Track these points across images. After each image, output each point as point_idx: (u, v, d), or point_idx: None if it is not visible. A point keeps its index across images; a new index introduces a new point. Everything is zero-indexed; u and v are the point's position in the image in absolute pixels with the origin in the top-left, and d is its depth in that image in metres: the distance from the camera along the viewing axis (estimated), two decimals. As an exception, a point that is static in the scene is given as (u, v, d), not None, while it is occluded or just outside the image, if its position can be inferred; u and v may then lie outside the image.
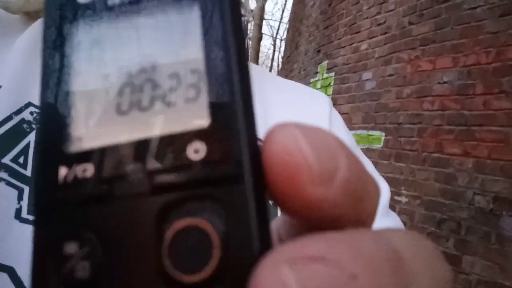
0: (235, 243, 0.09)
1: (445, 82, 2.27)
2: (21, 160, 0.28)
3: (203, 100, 0.10)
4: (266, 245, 0.09)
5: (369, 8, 3.02)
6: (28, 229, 0.25)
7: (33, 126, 0.30)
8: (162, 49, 0.11)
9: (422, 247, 0.11)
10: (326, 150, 0.09)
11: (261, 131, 0.37)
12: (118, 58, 0.11)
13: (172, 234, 0.09)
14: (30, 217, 0.26)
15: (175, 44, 0.11)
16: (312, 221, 0.10)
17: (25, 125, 0.29)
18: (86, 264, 0.09)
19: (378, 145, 2.69)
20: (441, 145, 2.24)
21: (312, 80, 3.73)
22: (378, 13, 2.91)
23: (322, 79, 3.55)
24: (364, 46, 3.03)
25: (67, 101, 0.11)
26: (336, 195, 0.09)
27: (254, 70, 0.45)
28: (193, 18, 0.11)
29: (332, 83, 3.36)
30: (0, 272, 0.24)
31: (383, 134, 2.69)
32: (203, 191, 0.09)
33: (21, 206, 0.26)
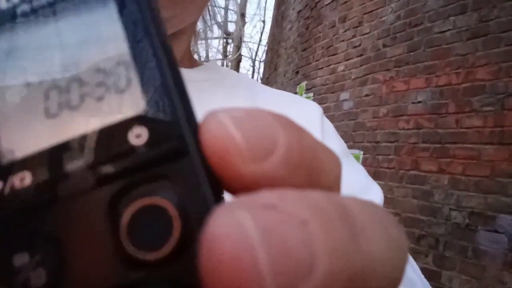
0: (192, 210, 0.09)
1: (419, 102, 2.35)
2: None
3: (135, 88, 0.10)
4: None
5: (345, 31, 3.12)
6: None
7: None
8: (82, 47, 0.10)
9: (374, 208, 0.10)
10: (259, 128, 0.10)
11: None
12: (37, 63, 0.10)
13: (128, 218, 0.09)
14: None
15: (95, 39, 0.11)
16: None
17: None
18: (41, 271, 0.09)
19: (357, 164, 2.74)
20: (417, 163, 2.30)
21: (291, 100, 3.79)
22: (354, 36, 3.01)
23: (301, 99, 3.62)
24: (341, 67, 3.11)
25: None
26: (276, 170, 0.09)
27: (245, 80, 0.44)
28: (107, 6, 0.11)
29: (311, 104, 3.42)
30: None
31: (362, 152, 2.74)
32: (152, 171, 0.09)
33: None
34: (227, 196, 0.10)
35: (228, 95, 0.39)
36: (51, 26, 0.11)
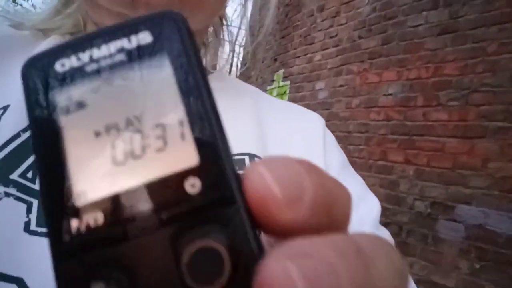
0: (240, 252, 0.11)
1: (390, 94, 2.42)
2: (29, 175, 0.28)
3: (189, 143, 0.12)
4: (262, 249, 0.11)
5: (323, 20, 3.14)
6: (37, 241, 0.26)
7: None
8: (144, 103, 0.12)
9: (379, 241, 0.13)
10: (291, 178, 0.11)
11: (260, 152, 0.36)
12: (105, 116, 0.12)
13: (188, 257, 0.11)
14: (39, 229, 0.26)
15: (155, 97, 0.12)
16: (291, 237, 0.11)
17: None
18: None
19: (329, 152, 2.80)
20: (386, 153, 2.38)
21: (268, 87, 3.81)
22: (331, 26, 3.04)
23: (278, 87, 3.64)
24: (317, 57, 3.14)
25: (64, 161, 0.12)
26: (305, 215, 0.11)
27: (251, 90, 0.46)
28: (165, 72, 0.12)
29: (287, 91, 3.45)
30: (10, 283, 0.25)
31: (334, 141, 2.81)
32: (205, 216, 0.11)
33: (30, 219, 0.27)
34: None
35: (234, 103, 0.40)
36: (117, 86, 0.13)
